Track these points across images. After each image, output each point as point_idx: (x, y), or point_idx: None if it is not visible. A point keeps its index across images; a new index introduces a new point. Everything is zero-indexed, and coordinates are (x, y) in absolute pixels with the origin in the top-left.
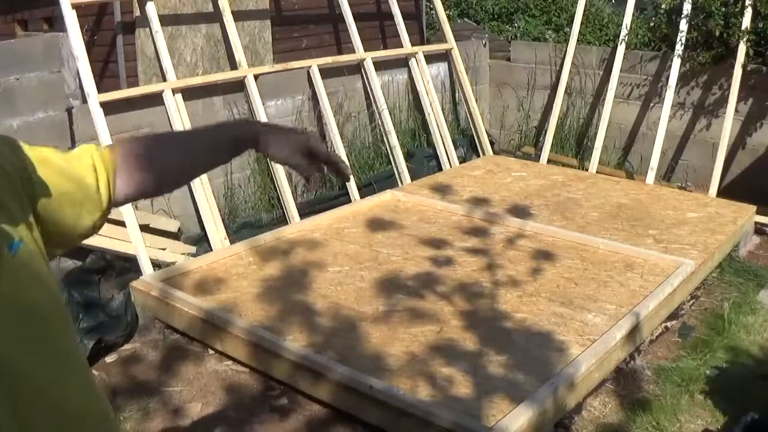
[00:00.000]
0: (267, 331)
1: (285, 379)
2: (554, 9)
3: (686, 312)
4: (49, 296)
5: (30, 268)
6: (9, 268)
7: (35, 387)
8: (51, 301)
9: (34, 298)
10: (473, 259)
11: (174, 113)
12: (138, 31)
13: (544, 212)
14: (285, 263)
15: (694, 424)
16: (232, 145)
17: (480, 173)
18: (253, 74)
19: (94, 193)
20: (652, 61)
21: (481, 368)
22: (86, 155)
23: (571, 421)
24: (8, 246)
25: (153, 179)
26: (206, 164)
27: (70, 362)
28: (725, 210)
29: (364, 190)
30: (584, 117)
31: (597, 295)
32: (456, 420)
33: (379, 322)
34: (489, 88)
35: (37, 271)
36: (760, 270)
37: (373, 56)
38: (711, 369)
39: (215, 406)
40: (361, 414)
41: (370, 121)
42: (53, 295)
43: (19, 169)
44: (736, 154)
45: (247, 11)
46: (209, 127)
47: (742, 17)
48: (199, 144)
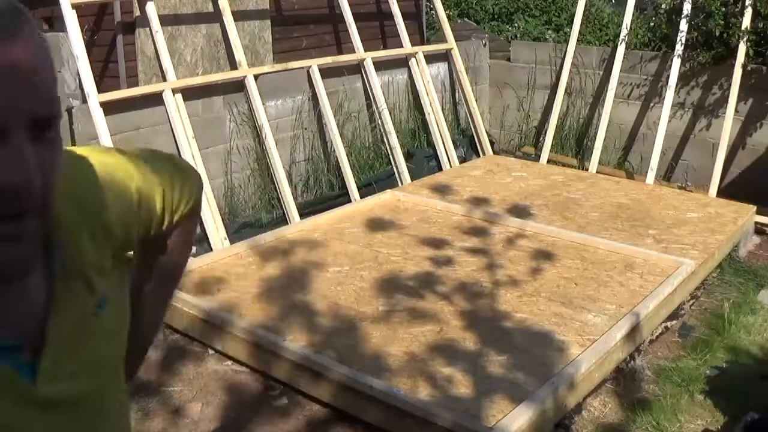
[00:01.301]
0: (267, 331)
1: (285, 379)
2: (554, 9)
3: (686, 312)
4: (116, 349)
5: (108, 323)
6: (97, 326)
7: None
8: (116, 355)
9: (105, 352)
10: (473, 259)
11: (174, 113)
12: (138, 31)
13: (544, 212)
14: (285, 263)
15: (694, 424)
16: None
17: (480, 173)
18: (253, 74)
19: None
20: (652, 61)
21: (481, 368)
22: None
23: (571, 421)
24: (96, 304)
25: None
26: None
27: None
28: (725, 210)
29: (364, 190)
30: (584, 117)
31: (597, 295)
32: (456, 420)
33: (379, 322)
34: (489, 88)
35: (111, 326)
36: (760, 270)
37: (373, 56)
38: (711, 369)
39: (215, 406)
40: (361, 414)
41: (370, 121)
42: (119, 346)
43: (135, 195)
44: (736, 154)
45: (247, 11)
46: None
47: (742, 17)
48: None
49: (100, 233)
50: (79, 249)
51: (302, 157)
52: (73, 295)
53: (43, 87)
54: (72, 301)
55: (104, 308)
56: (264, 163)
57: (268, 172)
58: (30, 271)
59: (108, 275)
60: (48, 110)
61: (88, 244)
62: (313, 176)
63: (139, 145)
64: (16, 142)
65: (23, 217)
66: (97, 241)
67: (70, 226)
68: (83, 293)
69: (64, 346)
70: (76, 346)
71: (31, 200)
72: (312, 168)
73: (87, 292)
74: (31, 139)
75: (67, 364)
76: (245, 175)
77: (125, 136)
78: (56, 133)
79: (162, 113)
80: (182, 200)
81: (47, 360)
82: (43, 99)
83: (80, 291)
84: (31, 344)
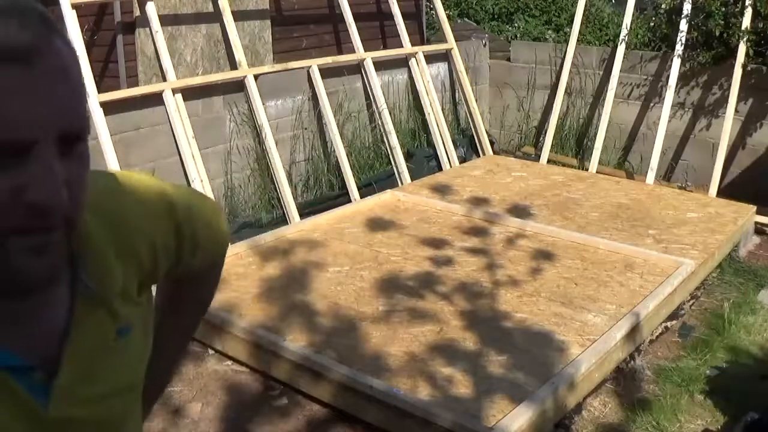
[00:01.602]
0: (267, 331)
1: (285, 379)
2: (554, 9)
3: (686, 312)
4: (135, 378)
5: (128, 352)
6: (117, 353)
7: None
8: (133, 384)
9: (123, 380)
10: (473, 259)
11: (174, 113)
12: (138, 31)
13: (544, 212)
14: (285, 263)
15: (694, 424)
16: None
17: (480, 173)
18: (253, 74)
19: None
20: (652, 61)
21: (481, 368)
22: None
23: (571, 421)
24: (117, 331)
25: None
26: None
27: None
28: (725, 210)
29: (364, 190)
30: (584, 117)
31: (597, 295)
32: (456, 420)
33: (379, 322)
34: (489, 88)
35: (132, 354)
36: (760, 270)
37: (373, 56)
38: (711, 369)
39: (215, 406)
40: (361, 414)
41: (370, 121)
42: (137, 373)
43: (172, 224)
44: (736, 154)
45: (247, 11)
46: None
47: (742, 17)
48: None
49: (129, 258)
50: (105, 271)
51: (302, 157)
52: (94, 319)
53: (73, 101)
54: (92, 325)
55: (126, 335)
56: (264, 163)
57: (268, 172)
58: (50, 285)
59: (133, 302)
60: (77, 125)
61: (116, 267)
62: (313, 176)
63: (139, 145)
64: (45, 157)
65: (49, 231)
66: (125, 265)
67: (98, 247)
68: (105, 318)
69: (81, 371)
70: (93, 372)
71: (57, 216)
72: (312, 168)
73: (109, 317)
74: (59, 154)
75: (82, 389)
76: (245, 175)
77: (125, 136)
78: (85, 148)
79: (162, 113)
80: (215, 239)
81: (61, 383)
82: (72, 113)
83: (102, 316)
84: (46, 366)
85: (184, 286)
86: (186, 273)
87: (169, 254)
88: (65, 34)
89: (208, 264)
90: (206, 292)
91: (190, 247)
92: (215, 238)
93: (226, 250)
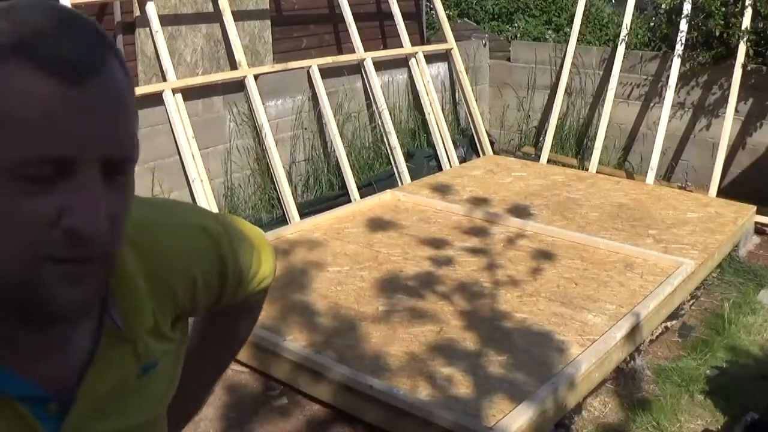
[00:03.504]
0: (267, 331)
1: (285, 379)
2: (554, 9)
3: (686, 312)
4: (154, 416)
5: (151, 388)
6: (138, 391)
7: None
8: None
9: (141, 418)
10: (473, 259)
11: (174, 113)
12: (138, 31)
13: (544, 212)
14: (285, 263)
15: (694, 424)
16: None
17: (480, 173)
18: (253, 74)
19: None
20: (652, 61)
21: (481, 368)
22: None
23: (571, 421)
24: (141, 368)
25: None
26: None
27: None
28: (725, 210)
29: (364, 190)
30: (584, 117)
31: (597, 295)
32: (456, 420)
33: (379, 322)
34: (489, 88)
35: (154, 391)
36: (760, 270)
37: (373, 56)
38: (711, 369)
39: (215, 406)
40: (361, 414)
41: (370, 121)
42: (160, 406)
43: (216, 261)
44: (736, 154)
45: (247, 11)
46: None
47: (742, 17)
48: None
49: (164, 295)
50: (136, 309)
51: (302, 157)
52: (117, 356)
53: (121, 126)
54: (114, 362)
55: (151, 372)
56: (264, 163)
57: (268, 172)
58: (81, 317)
59: (164, 338)
60: (124, 151)
61: (147, 305)
62: (313, 176)
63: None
64: (89, 181)
65: (86, 262)
66: (159, 302)
67: (131, 282)
68: (129, 357)
69: (95, 407)
70: (109, 409)
71: (97, 247)
72: (312, 168)
73: (133, 356)
74: (103, 181)
75: (96, 425)
76: (245, 174)
77: None
78: (131, 179)
79: (162, 113)
80: (260, 275)
81: (74, 419)
82: (119, 138)
83: (126, 354)
84: (61, 397)
85: (223, 318)
86: (227, 307)
87: (210, 292)
88: (123, 58)
89: (251, 301)
90: (245, 325)
91: (234, 284)
92: (262, 275)
93: (269, 285)
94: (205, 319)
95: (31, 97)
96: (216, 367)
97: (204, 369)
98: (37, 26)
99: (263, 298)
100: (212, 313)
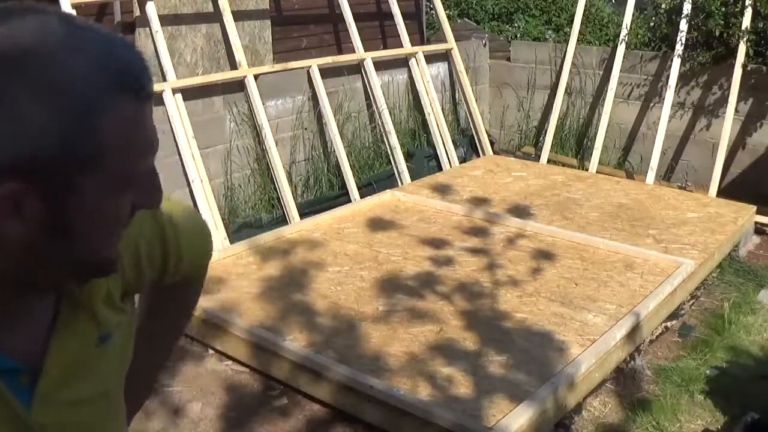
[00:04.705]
0: (267, 331)
1: (285, 379)
2: (554, 9)
3: (686, 312)
4: (117, 384)
5: (108, 359)
6: (100, 359)
7: None
8: (110, 392)
9: (105, 386)
10: (473, 259)
11: (174, 113)
12: (138, 31)
13: (544, 212)
14: (285, 263)
15: (694, 424)
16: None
17: (480, 173)
18: (253, 74)
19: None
20: (652, 61)
21: (481, 368)
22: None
23: (571, 421)
24: (99, 338)
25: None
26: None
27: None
28: (725, 210)
29: (364, 190)
30: (584, 117)
31: (597, 295)
32: (456, 420)
33: (379, 322)
34: (489, 88)
35: (112, 361)
36: (760, 270)
37: (373, 56)
38: (711, 369)
39: (215, 406)
40: (361, 414)
41: (370, 121)
42: (117, 379)
43: (156, 232)
44: (736, 154)
45: (247, 11)
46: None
47: (742, 17)
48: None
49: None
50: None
51: (302, 157)
52: (77, 324)
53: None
54: (75, 330)
55: (107, 342)
56: (264, 163)
57: (268, 172)
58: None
59: (116, 309)
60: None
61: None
62: (313, 176)
63: None
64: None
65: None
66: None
67: None
68: (88, 324)
69: (63, 375)
70: (74, 377)
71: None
72: (312, 168)
73: (92, 323)
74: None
75: (65, 393)
76: (245, 175)
77: None
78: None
79: (162, 113)
80: (198, 248)
81: (44, 386)
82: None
83: (85, 321)
84: (30, 368)
85: (166, 295)
86: (170, 285)
87: (153, 264)
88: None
89: (192, 277)
90: (189, 301)
91: (175, 256)
92: (200, 248)
93: (208, 263)
94: (150, 297)
95: (133, 121)
96: (165, 342)
97: (152, 349)
98: (121, 57)
99: (204, 273)
100: (156, 292)
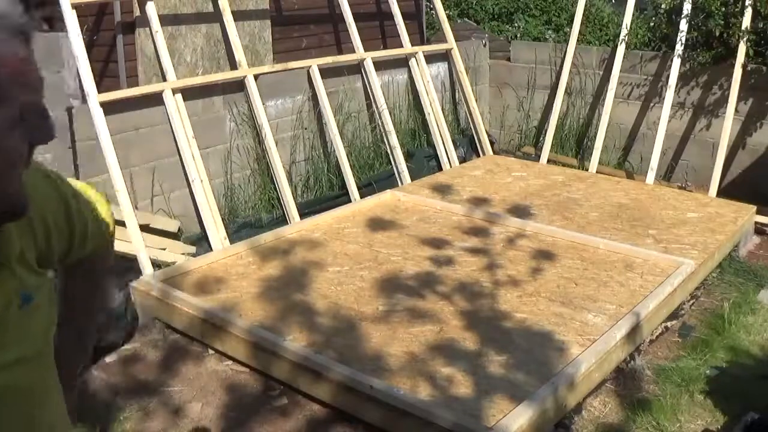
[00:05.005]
0: (267, 331)
1: (285, 379)
2: (554, 9)
3: (686, 312)
4: (39, 345)
5: (33, 322)
6: (15, 323)
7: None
8: (40, 353)
9: (34, 347)
10: (473, 259)
11: (174, 113)
12: (138, 31)
13: (544, 212)
14: (285, 263)
15: (694, 424)
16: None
17: (480, 173)
18: (253, 74)
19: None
20: (652, 61)
21: (481, 368)
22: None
23: (571, 421)
24: (22, 298)
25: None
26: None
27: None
28: (725, 210)
29: (364, 190)
30: (584, 117)
31: (597, 295)
32: (456, 420)
33: (379, 322)
34: (489, 88)
35: (38, 323)
36: (760, 270)
37: (373, 56)
38: (711, 369)
39: (215, 406)
40: (361, 414)
41: (370, 121)
42: (44, 342)
43: (61, 205)
44: (736, 154)
45: (247, 11)
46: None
47: (742, 17)
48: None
49: (23, 225)
50: (2, 233)
51: (302, 157)
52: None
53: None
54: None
55: (30, 303)
56: (264, 163)
57: (268, 172)
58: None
59: (34, 272)
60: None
61: (13, 232)
62: (313, 176)
63: (139, 145)
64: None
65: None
66: (20, 232)
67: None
68: (8, 282)
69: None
70: (3, 339)
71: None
72: (312, 168)
73: (12, 279)
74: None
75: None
76: (245, 175)
77: (125, 136)
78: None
79: (162, 113)
80: (101, 219)
81: None
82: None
83: (6, 280)
84: None
85: (78, 273)
86: (78, 261)
87: (61, 235)
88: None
89: (98, 253)
90: (102, 274)
91: (80, 228)
92: (103, 218)
93: (113, 238)
94: (65, 275)
95: (27, 60)
96: (85, 318)
97: (74, 319)
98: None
99: (111, 247)
100: (69, 268)
